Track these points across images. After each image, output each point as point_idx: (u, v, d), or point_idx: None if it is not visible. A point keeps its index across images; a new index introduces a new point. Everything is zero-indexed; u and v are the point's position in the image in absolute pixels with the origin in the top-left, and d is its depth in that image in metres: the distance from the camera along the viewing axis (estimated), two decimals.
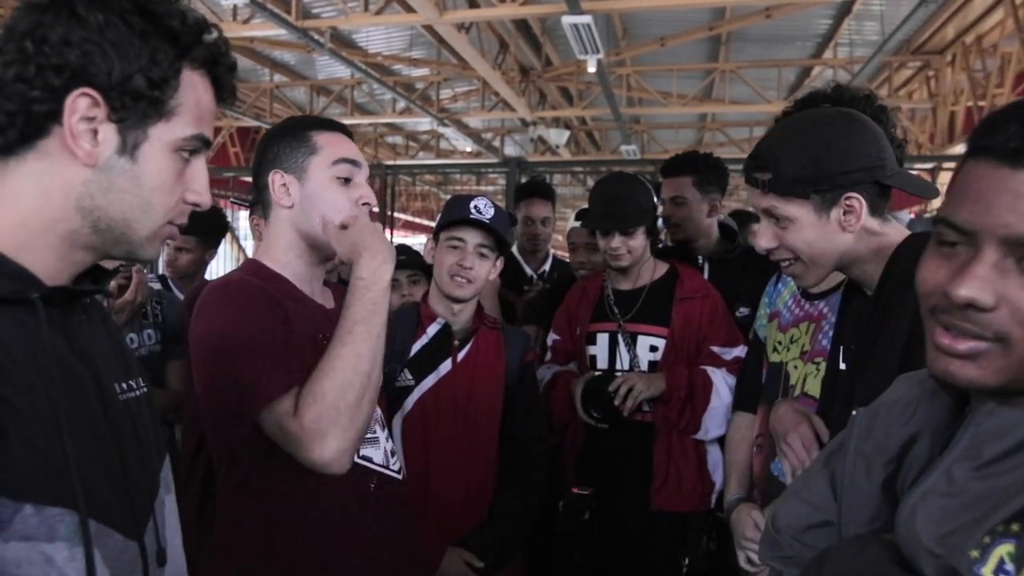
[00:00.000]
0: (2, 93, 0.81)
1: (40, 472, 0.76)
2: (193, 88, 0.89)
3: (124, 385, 0.94)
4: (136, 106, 0.84)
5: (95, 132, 0.83)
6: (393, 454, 1.61)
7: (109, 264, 1.02)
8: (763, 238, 1.46)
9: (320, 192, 1.52)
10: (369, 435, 1.52)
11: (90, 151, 0.83)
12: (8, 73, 0.81)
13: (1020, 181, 0.70)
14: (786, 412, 1.65)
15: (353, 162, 1.54)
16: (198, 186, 0.93)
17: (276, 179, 1.54)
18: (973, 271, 0.72)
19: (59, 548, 0.77)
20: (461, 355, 2.12)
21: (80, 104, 0.81)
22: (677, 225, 2.78)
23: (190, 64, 0.88)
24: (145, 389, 0.99)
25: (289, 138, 1.56)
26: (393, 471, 1.58)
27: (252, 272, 1.54)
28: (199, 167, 0.93)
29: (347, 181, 1.53)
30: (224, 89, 0.94)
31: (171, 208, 0.90)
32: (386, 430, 1.63)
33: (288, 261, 1.55)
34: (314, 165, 1.53)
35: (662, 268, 2.49)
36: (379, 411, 1.57)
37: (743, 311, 2.51)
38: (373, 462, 1.53)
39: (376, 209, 1.58)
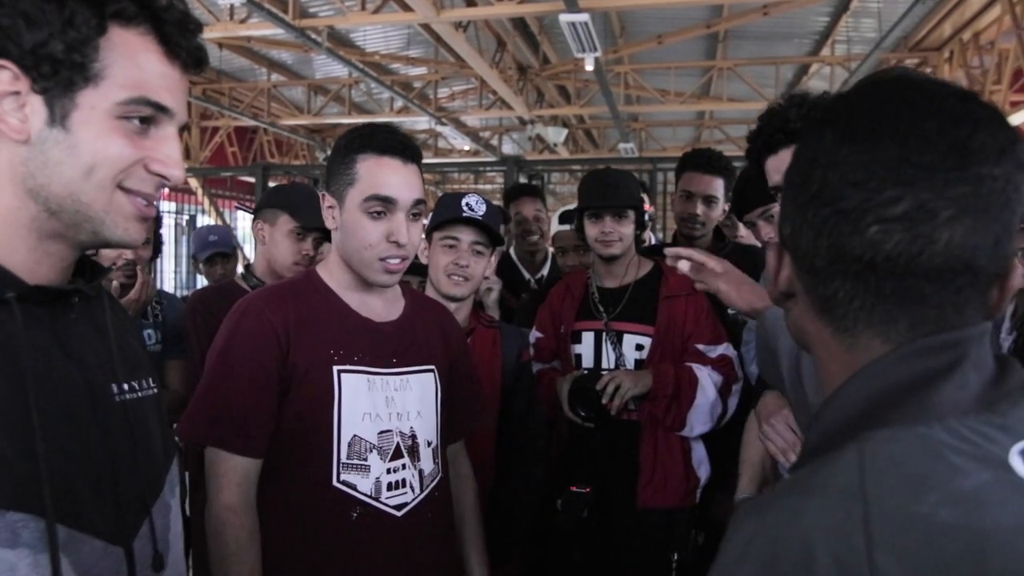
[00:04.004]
0: None
1: (4, 475, 0.74)
2: (126, 48, 0.83)
3: (126, 385, 0.91)
4: (58, 74, 0.80)
5: (24, 107, 0.80)
6: (395, 487, 1.54)
7: (106, 261, 0.99)
8: None
9: (351, 226, 1.53)
10: (358, 461, 1.50)
11: (18, 126, 0.80)
12: None
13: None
14: (771, 399, 1.66)
15: (386, 199, 1.51)
16: (161, 155, 0.86)
17: (325, 201, 1.57)
18: None
19: (22, 554, 0.74)
20: None
21: None
22: (703, 223, 2.76)
23: (120, 23, 0.83)
24: (154, 390, 0.98)
25: (339, 160, 1.55)
26: (387, 505, 1.52)
27: (299, 280, 1.63)
28: (162, 137, 0.87)
29: (382, 214, 1.52)
30: (176, 48, 0.86)
31: (120, 172, 0.84)
32: (399, 460, 1.55)
33: (339, 277, 1.59)
34: (350, 197, 1.52)
35: (647, 266, 2.48)
36: (397, 440, 1.55)
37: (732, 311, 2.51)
38: (357, 489, 1.49)
39: (406, 244, 1.54)
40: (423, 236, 2.17)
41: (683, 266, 1.49)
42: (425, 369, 1.63)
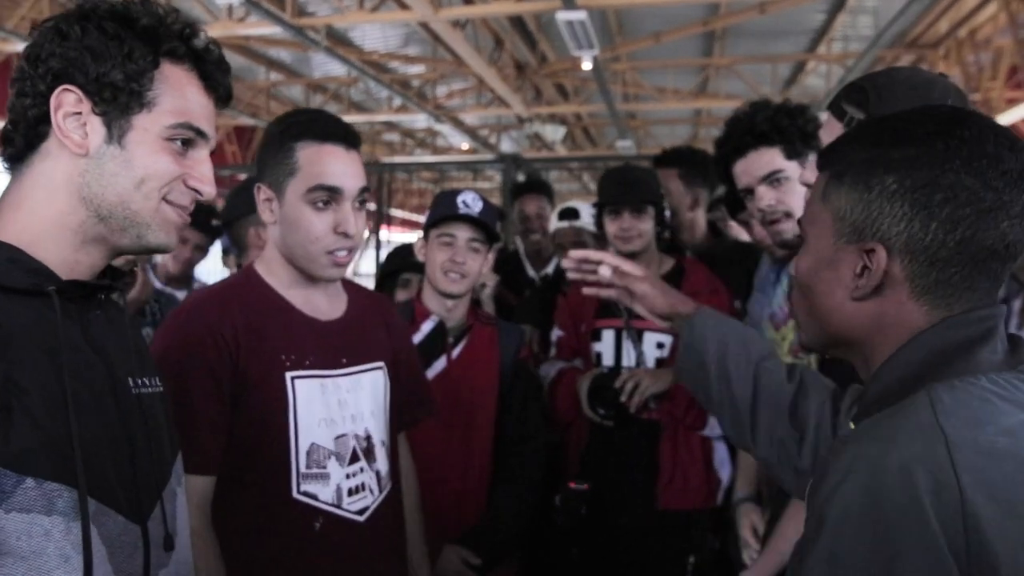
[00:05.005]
0: (12, 111, 0.94)
1: (43, 448, 0.82)
2: (175, 81, 0.97)
3: (140, 380, 1.00)
4: (117, 99, 0.93)
5: (84, 125, 0.93)
6: (355, 492, 1.50)
7: (123, 265, 1.08)
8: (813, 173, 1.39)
9: (294, 219, 1.45)
10: (317, 470, 1.45)
11: (80, 142, 0.93)
12: (14, 93, 0.95)
13: None
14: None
15: (332, 189, 1.44)
16: (198, 173, 0.99)
17: (260, 194, 1.50)
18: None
19: (56, 522, 0.82)
20: (456, 352, 2.13)
21: (65, 100, 0.92)
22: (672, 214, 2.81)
23: (170, 59, 0.97)
24: (161, 388, 1.06)
25: (275, 148, 1.47)
26: (349, 511, 1.48)
27: (239, 280, 1.54)
28: (199, 158, 1.00)
29: (328, 204, 1.45)
30: (215, 84, 1.01)
31: (165, 184, 0.96)
32: (356, 464, 1.51)
33: (279, 274, 1.52)
34: (291, 188, 1.45)
35: (668, 263, 2.47)
36: (353, 443, 1.51)
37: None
38: (318, 499, 1.44)
39: (354, 235, 1.48)
40: (420, 235, 2.19)
41: (604, 272, 1.45)
42: (375, 367, 1.59)
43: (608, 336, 2.45)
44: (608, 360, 2.43)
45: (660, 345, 2.39)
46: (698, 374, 1.38)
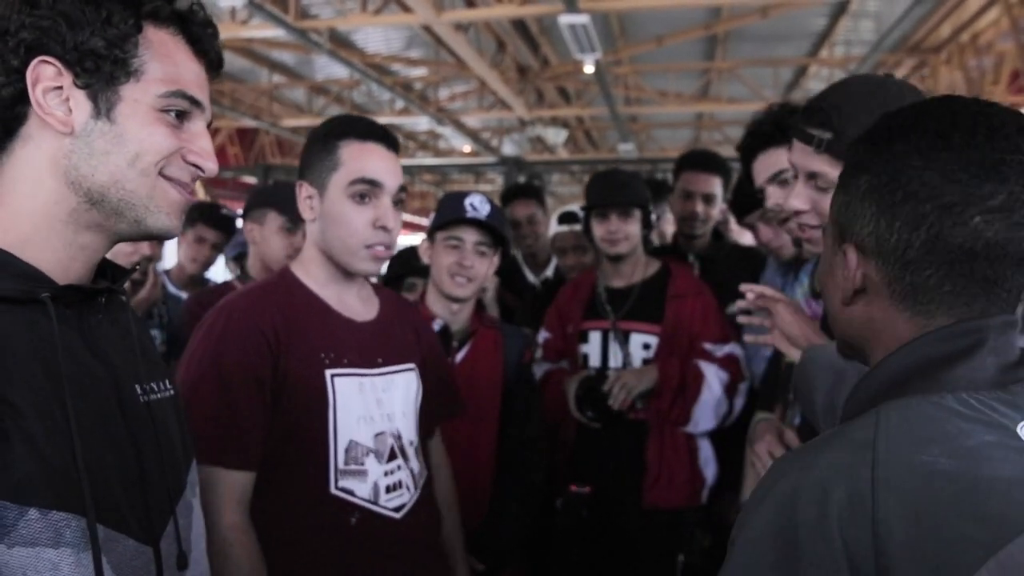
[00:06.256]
0: None
1: (45, 475, 0.75)
2: (162, 46, 0.88)
3: (148, 386, 0.93)
4: (100, 69, 0.84)
5: (68, 100, 0.84)
6: (392, 489, 1.52)
7: (126, 261, 1.00)
8: (797, 199, 1.37)
9: (335, 213, 1.49)
10: (355, 467, 1.47)
11: (64, 119, 0.84)
12: None
13: None
14: (761, 426, 1.70)
15: (372, 182, 1.48)
16: (197, 147, 0.90)
17: (302, 191, 1.53)
18: None
19: (64, 554, 0.76)
20: (460, 356, 2.13)
21: (42, 73, 0.83)
22: (704, 221, 2.79)
23: (153, 22, 0.88)
24: (172, 391, 0.99)
25: (319, 147, 1.52)
26: (385, 508, 1.50)
27: (276, 280, 1.56)
28: (196, 130, 0.91)
29: (368, 199, 1.49)
30: (205, 47, 0.92)
31: (162, 158, 0.87)
32: (394, 461, 1.54)
33: (315, 273, 1.55)
34: (333, 182, 1.49)
35: (654, 265, 2.50)
36: (391, 441, 1.53)
37: (734, 308, 2.54)
38: (355, 495, 1.47)
39: (392, 229, 1.52)
40: (425, 237, 2.19)
41: (750, 296, 1.56)
42: (408, 368, 1.63)
43: (595, 337, 2.46)
44: (595, 361, 2.45)
45: (646, 346, 2.41)
46: (806, 402, 1.31)
